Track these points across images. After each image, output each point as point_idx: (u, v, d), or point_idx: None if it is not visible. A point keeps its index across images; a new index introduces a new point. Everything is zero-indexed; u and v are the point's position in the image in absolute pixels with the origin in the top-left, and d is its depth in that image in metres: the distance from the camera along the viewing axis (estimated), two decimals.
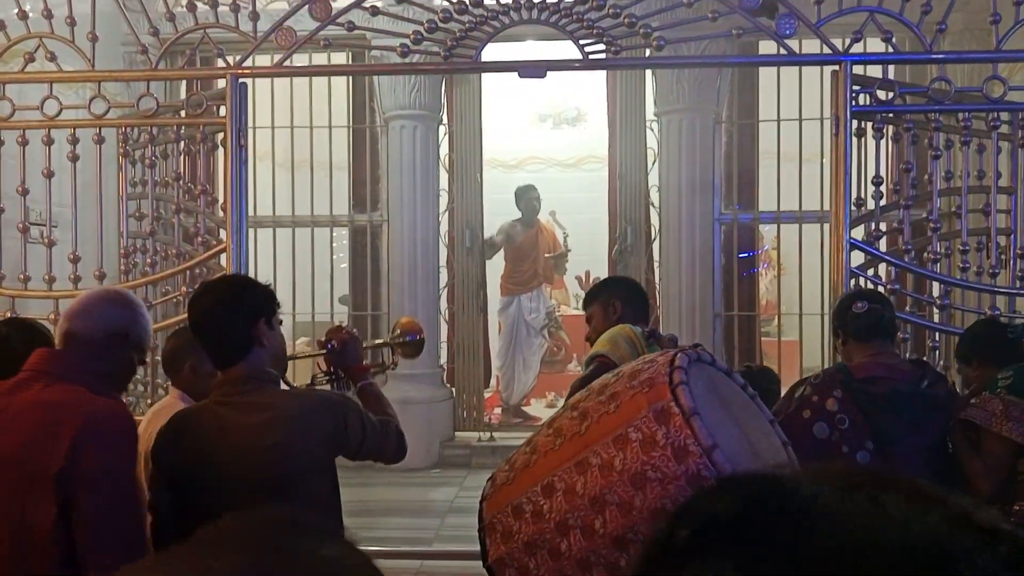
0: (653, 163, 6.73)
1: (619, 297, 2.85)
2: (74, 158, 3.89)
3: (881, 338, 2.60)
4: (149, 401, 4.09)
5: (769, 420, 1.65)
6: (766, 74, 6.35)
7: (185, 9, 3.97)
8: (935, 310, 3.81)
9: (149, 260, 4.17)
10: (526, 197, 7.42)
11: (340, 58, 6.26)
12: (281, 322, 2.18)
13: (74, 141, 3.87)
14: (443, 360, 6.97)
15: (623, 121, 6.87)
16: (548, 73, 3.80)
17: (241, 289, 2.14)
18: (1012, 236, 3.85)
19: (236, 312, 2.05)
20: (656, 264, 6.76)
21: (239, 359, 2.03)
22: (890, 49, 3.71)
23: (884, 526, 0.45)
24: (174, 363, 2.72)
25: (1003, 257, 3.90)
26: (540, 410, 7.50)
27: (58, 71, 3.91)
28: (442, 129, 6.91)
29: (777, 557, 0.45)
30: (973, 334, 2.94)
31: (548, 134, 9.68)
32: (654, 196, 6.71)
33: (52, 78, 3.89)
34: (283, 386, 2.20)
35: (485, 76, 6.77)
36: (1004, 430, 2.39)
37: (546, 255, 7.52)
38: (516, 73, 3.79)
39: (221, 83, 4.04)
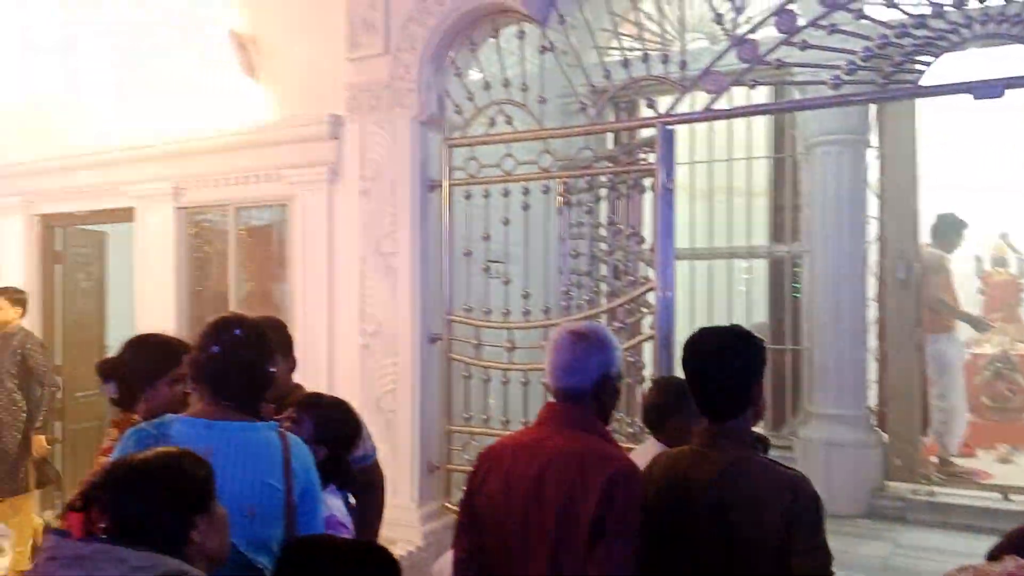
0: None
1: None
2: (525, 207, 4.41)
3: None
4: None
5: None
6: None
7: (619, 64, 4.28)
8: None
9: (586, 296, 4.54)
10: (943, 230, 6.67)
11: (761, 93, 6.19)
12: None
13: (525, 192, 4.39)
14: (871, 401, 6.44)
15: None
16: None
17: (747, 340, 2.05)
18: None
19: (738, 363, 2.00)
20: None
21: (730, 417, 2.00)
22: None
23: None
24: (659, 417, 2.79)
25: None
26: (988, 464, 6.56)
27: (513, 131, 4.47)
28: (870, 152, 6.44)
29: None
30: None
31: (996, 150, 8.48)
32: None
33: (509, 139, 4.46)
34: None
35: None
36: None
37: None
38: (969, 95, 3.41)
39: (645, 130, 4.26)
